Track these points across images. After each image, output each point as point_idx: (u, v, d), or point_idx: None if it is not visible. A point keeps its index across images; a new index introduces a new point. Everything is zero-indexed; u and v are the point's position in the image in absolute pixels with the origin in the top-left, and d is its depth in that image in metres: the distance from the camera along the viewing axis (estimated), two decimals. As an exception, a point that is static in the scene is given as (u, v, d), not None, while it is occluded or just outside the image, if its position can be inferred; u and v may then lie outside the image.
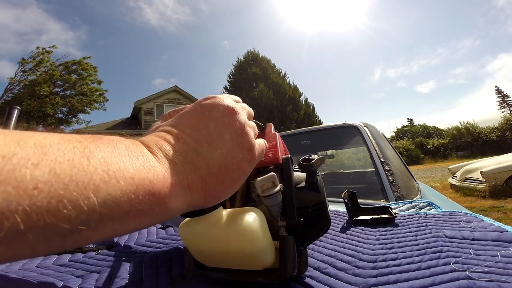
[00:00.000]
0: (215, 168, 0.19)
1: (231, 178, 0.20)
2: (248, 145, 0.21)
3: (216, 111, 0.21)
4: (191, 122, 0.20)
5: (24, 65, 9.59)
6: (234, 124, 0.21)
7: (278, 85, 16.17)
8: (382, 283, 0.27)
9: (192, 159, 0.18)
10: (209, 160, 0.19)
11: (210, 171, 0.19)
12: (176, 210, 0.17)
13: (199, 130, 0.20)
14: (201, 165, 0.18)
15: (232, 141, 0.20)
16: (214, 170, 0.19)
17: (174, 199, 0.16)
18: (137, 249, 0.44)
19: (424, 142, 21.66)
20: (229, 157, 0.20)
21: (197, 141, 0.19)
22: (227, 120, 0.21)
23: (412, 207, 0.64)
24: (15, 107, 0.49)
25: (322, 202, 0.27)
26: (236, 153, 0.20)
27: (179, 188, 0.17)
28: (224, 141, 0.20)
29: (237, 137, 0.21)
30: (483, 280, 0.25)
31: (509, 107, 25.89)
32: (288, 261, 0.24)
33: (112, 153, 0.14)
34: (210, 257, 0.25)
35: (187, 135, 0.19)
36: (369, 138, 1.17)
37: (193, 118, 0.21)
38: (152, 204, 0.15)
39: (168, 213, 0.16)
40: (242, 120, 0.22)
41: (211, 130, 0.20)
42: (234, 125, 0.21)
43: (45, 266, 0.39)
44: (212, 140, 0.20)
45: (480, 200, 3.96)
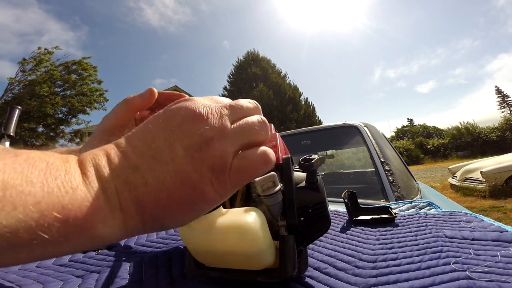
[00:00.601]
0: (155, 188, 0.16)
1: (179, 202, 0.16)
2: (212, 161, 0.17)
3: (175, 118, 0.17)
4: (144, 133, 0.17)
5: (24, 65, 9.59)
6: (194, 133, 0.17)
7: (278, 85, 16.18)
8: (382, 283, 0.27)
9: (127, 176, 0.15)
10: (148, 178, 0.16)
11: (148, 191, 0.15)
12: (106, 236, 0.15)
13: (147, 142, 0.17)
14: (136, 184, 0.15)
15: (187, 156, 0.16)
16: (154, 191, 0.16)
17: (100, 224, 0.14)
18: (137, 249, 0.44)
19: (424, 142, 21.67)
20: (177, 177, 0.16)
21: (141, 156, 0.16)
22: (185, 130, 0.17)
23: (412, 207, 0.64)
24: (16, 107, 0.49)
25: (322, 201, 0.27)
26: (189, 172, 0.16)
27: (107, 211, 0.15)
28: (174, 156, 0.16)
29: (194, 151, 0.16)
30: (483, 280, 0.25)
31: (509, 107, 25.89)
32: (288, 261, 0.24)
33: (21, 174, 0.13)
34: (210, 256, 0.25)
35: (133, 148, 0.17)
36: (369, 138, 1.18)
37: (148, 127, 0.17)
38: (64, 232, 0.13)
39: (94, 239, 0.14)
40: (210, 131, 0.17)
41: (161, 142, 0.17)
42: (193, 135, 0.17)
43: (45, 266, 0.39)
44: (158, 154, 0.16)
45: (480, 200, 3.97)
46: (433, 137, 24.24)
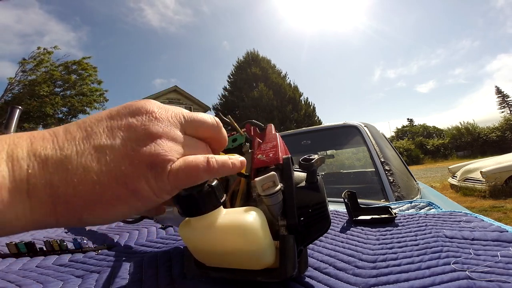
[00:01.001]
0: (79, 176, 0.14)
1: (106, 197, 0.15)
2: (152, 159, 0.15)
3: (124, 110, 0.16)
4: (85, 118, 0.16)
5: (24, 65, 9.59)
6: (139, 127, 0.16)
7: (278, 85, 16.18)
8: (382, 283, 0.27)
9: (46, 158, 0.14)
10: (72, 163, 0.14)
11: (69, 178, 0.14)
12: (3, 222, 0.13)
13: (84, 126, 0.15)
14: (56, 168, 0.14)
15: (124, 148, 0.15)
16: (76, 179, 0.14)
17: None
18: (137, 249, 0.44)
19: (424, 142, 21.67)
20: (109, 168, 0.14)
21: (71, 138, 0.15)
22: (131, 122, 0.16)
23: (412, 207, 0.64)
24: (17, 107, 0.49)
25: (322, 201, 0.27)
26: (125, 165, 0.15)
27: (9, 192, 0.13)
28: (111, 144, 0.15)
29: (135, 144, 0.15)
30: (483, 280, 0.25)
31: (509, 107, 25.89)
32: (288, 260, 0.24)
33: None
34: (210, 256, 0.25)
35: (65, 130, 0.15)
36: (369, 138, 1.18)
37: (93, 115, 0.17)
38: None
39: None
40: (157, 128, 0.16)
41: (100, 128, 0.15)
42: (137, 128, 0.16)
43: (45, 266, 0.39)
44: (92, 139, 0.15)
45: (480, 200, 3.96)
46: (433, 137, 24.24)
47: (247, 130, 0.37)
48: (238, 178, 0.30)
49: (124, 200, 0.15)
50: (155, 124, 0.16)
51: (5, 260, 0.42)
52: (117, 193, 0.15)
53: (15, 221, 0.13)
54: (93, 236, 0.55)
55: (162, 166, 0.16)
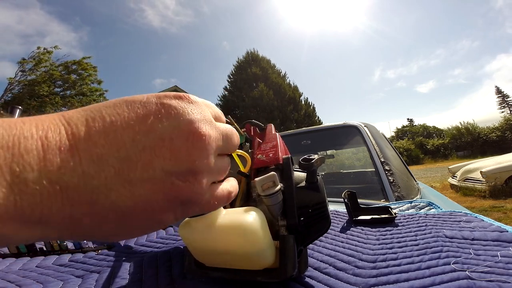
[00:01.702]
0: (108, 212, 0.12)
1: (131, 227, 0.13)
2: (189, 196, 0.14)
3: (166, 124, 0.13)
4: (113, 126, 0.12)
5: (24, 65, 9.60)
6: (185, 159, 0.13)
7: (278, 85, 16.18)
8: (382, 283, 0.27)
9: (66, 187, 0.11)
10: (100, 198, 0.12)
11: (94, 213, 0.12)
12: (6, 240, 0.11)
13: (116, 142, 0.12)
14: (79, 201, 0.11)
15: (163, 183, 0.13)
16: (104, 215, 0.12)
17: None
18: (137, 249, 0.44)
19: (424, 142, 21.67)
20: (142, 202, 0.12)
21: (97, 161, 0.12)
22: (175, 148, 0.13)
23: (412, 207, 0.64)
24: (17, 107, 0.49)
25: (322, 201, 0.27)
26: (158, 199, 0.13)
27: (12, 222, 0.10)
28: (149, 178, 0.12)
29: (175, 178, 0.13)
30: (483, 280, 0.25)
31: (509, 107, 25.89)
32: (288, 260, 0.24)
33: None
34: (210, 256, 0.25)
35: (88, 143, 0.12)
36: (369, 138, 1.17)
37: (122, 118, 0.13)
38: None
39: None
40: (202, 164, 0.14)
41: (135, 150, 0.12)
42: (183, 160, 0.13)
43: (45, 266, 0.39)
44: (126, 167, 0.12)
45: (480, 200, 3.96)
46: (433, 137, 24.24)
47: (247, 130, 0.37)
48: (238, 178, 0.30)
49: (146, 227, 0.14)
50: (202, 156, 0.14)
51: (5, 260, 0.42)
52: (142, 224, 0.13)
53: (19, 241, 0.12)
54: (93, 236, 0.55)
55: (195, 203, 0.15)
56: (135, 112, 0.13)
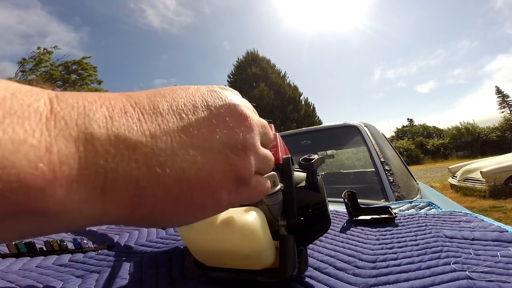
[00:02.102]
0: (174, 179, 0.12)
1: (191, 203, 0.13)
2: (240, 172, 0.14)
3: (220, 103, 0.15)
4: (178, 100, 0.13)
5: (24, 65, 9.60)
6: (237, 135, 0.14)
7: (278, 85, 16.19)
8: (382, 283, 0.27)
9: (134, 147, 0.11)
10: (168, 161, 0.11)
11: (161, 180, 0.11)
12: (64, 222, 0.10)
13: (178, 112, 0.13)
14: (146, 164, 0.11)
15: (220, 154, 0.13)
16: (171, 182, 0.12)
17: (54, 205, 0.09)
18: (137, 249, 0.44)
19: (424, 142, 21.67)
20: (203, 172, 0.13)
21: (162, 126, 0.12)
22: (229, 124, 0.14)
23: (412, 207, 0.64)
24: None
25: (322, 201, 0.27)
26: (217, 173, 0.13)
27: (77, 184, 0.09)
28: (210, 147, 0.13)
29: (230, 151, 0.14)
30: (483, 280, 0.25)
31: (509, 107, 25.89)
32: (288, 260, 0.24)
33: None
34: (210, 256, 0.25)
35: (154, 111, 0.12)
36: (369, 138, 1.18)
37: (185, 96, 0.14)
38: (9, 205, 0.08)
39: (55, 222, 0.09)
40: (251, 140, 0.15)
41: (199, 121, 0.13)
42: (235, 135, 0.14)
43: (45, 266, 0.39)
44: (190, 134, 0.13)
45: (480, 200, 3.96)
46: (433, 137, 24.24)
47: None
48: None
49: (204, 208, 0.14)
50: (250, 134, 0.15)
51: (5, 260, 0.42)
52: (202, 201, 0.13)
53: (74, 221, 0.10)
54: (93, 236, 0.55)
55: (245, 182, 0.15)
56: (191, 93, 0.14)
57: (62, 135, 0.09)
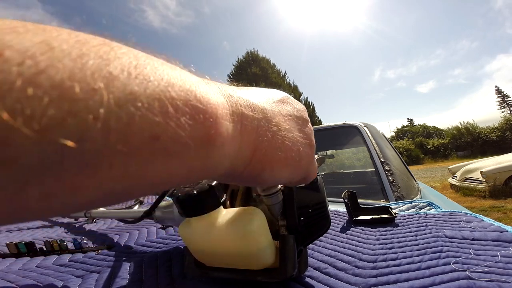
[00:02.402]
0: (283, 134, 0.16)
1: (291, 158, 0.16)
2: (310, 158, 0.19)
3: (294, 112, 0.19)
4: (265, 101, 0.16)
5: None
6: (308, 135, 0.19)
7: (278, 85, 16.19)
8: (382, 283, 0.27)
9: (253, 108, 0.15)
10: (273, 127, 0.15)
11: (271, 136, 0.15)
12: (221, 158, 0.12)
13: (269, 108, 0.16)
14: (263, 120, 0.15)
15: (300, 136, 0.18)
16: (280, 135, 0.16)
17: (224, 137, 0.12)
18: (137, 249, 0.44)
19: (424, 142, 21.67)
20: (298, 140, 0.17)
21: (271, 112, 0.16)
22: (301, 125, 0.18)
23: (412, 207, 0.64)
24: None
25: (322, 201, 0.27)
26: (304, 145, 0.18)
27: (231, 127, 0.13)
28: (301, 135, 0.18)
29: (308, 147, 0.18)
30: (483, 280, 0.25)
31: (509, 107, 25.88)
32: (288, 260, 0.24)
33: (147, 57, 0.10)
34: (210, 256, 0.25)
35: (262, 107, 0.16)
36: (369, 138, 1.18)
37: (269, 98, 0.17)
38: (193, 130, 0.10)
39: (212, 158, 0.12)
40: (311, 134, 0.19)
41: (281, 113, 0.17)
42: (308, 135, 0.18)
43: (45, 266, 0.39)
44: (294, 125, 0.17)
45: (480, 200, 3.96)
46: (433, 137, 24.23)
47: None
48: None
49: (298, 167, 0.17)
50: (312, 134, 0.19)
51: (5, 260, 0.42)
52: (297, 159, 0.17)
53: (224, 162, 0.13)
54: (93, 236, 0.55)
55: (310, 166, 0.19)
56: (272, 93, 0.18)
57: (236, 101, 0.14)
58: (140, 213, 0.43)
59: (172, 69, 0.11)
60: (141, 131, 0.09)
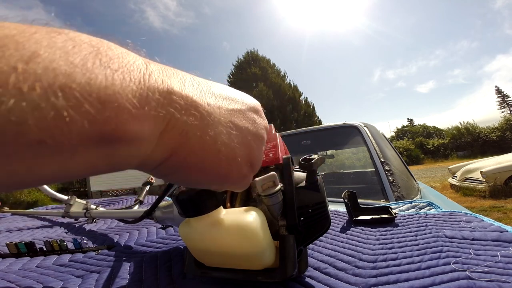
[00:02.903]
0: (210, 141, 0.14)
1: (217, 168, 0.15)
2: (254, 155, 0.17)
3: (245, 101, 0.18)
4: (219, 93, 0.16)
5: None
6: (259, 129, 0.18)
7: (278, 85, 16.18)
8: (382, 283, 0.27)
9: (196, 108, 0.13)
10: (213, 127, 0.14)
11: (202, 138, 0.14)
12: (127, 157, 0.12)
13: (227, 100, 0.16)
14: (199, 122, 0.13)
15: (247, 139, 0.16)
16: (208, 142, 0.14)
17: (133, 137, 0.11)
18: (137, 249, 0.44)
19: (424, 142, 21.66)
20: (233, 148, 0.15)
21: (217, 106, 0.15)
22: (255, 119, 0.18)
23: (412, 207, 0.64)
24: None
25: (322, 201, 0.27)
26: (242, 153, 0.16)
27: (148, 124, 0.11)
28: (242, 131, 0.16)
29: (253, 141, 0.17)
30: (483, 280, 0.25)
31: (509, 107, 25.88)
32: (288, 260, 0.24)
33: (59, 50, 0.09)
34: (210, 256, 0.25)
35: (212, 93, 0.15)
36: (369, 138, 1.18)
37: (226, 89, 0.17)
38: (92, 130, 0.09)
39: (115, 156, 0.11)
40: (264, 136, 0.19)
41: (235, 106, 0.16)
42: (258, 129, 0.18)
43: (45, 266, 0.39)
44: (232, 118, 0.16)
45: (480, 200, 3.96)
46: (433, 137, 24.22)
47: None
48: None
49: (227, 177, 0.16)
50: (264, 131, 0.19)
51: (5, 260, 0.42)
52: (226, 171, 0.15)
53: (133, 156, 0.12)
54: (93, 236, 0.55)
55: (257, 164, 0.18)
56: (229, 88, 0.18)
57: (152, 86, 0.12)
58: (140, 213, 0.43)
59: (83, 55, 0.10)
60: (22, 135, 0.08)
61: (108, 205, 0.99)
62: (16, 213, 0.96)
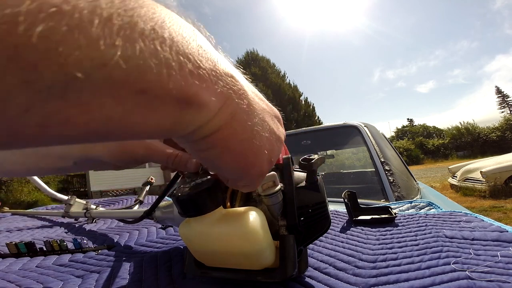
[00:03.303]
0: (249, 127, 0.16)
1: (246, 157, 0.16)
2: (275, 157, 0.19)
3: (273, 109, 0.20)
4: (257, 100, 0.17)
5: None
6: (279, 132, 0.20)
7: (278, 85, 16.19)
8: (382, 283, 0.27)
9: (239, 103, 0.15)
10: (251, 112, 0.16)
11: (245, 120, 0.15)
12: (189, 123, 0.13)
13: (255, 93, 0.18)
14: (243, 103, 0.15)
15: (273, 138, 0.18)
16: (247, 128, 0.16)
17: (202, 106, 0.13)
18: (137, 249, 0.44)
19: (424, 142, 21.66)
20: (263, 142, 0.17)
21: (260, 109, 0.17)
22: (276, 123, 0.19)
23: (412, 207, 0.64)
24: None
25: (322, 201, 0.27)
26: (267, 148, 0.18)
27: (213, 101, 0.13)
28: (270, 129, 0.18)
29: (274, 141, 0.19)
30: (483, 280, 0.25)
31: (509, 107, 25.88)
32: (288, 260, 0.24)
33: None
34: (210, 256, 0.25)
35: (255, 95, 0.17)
36: (369, 138, 1.18)
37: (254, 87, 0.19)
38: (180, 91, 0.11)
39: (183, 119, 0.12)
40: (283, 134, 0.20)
41: (268, 112, 0.18)
42: (279, 132, 0.19)
43: (45, 266, 0.39)
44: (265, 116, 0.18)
45: (480, 200, 3.96)
46: (433, 137, 24.22)
47: None
48: None
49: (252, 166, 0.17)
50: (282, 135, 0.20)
51: (5, 260, 0.42)
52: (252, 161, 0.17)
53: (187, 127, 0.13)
54: (93, 236, 0.55)
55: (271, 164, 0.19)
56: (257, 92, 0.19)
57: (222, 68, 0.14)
58: (140, 213, 0.43)
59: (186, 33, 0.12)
60: (134, 83, 0.10)
61: (108, 205, 0.99)
62: (16, 213, 0.96)
